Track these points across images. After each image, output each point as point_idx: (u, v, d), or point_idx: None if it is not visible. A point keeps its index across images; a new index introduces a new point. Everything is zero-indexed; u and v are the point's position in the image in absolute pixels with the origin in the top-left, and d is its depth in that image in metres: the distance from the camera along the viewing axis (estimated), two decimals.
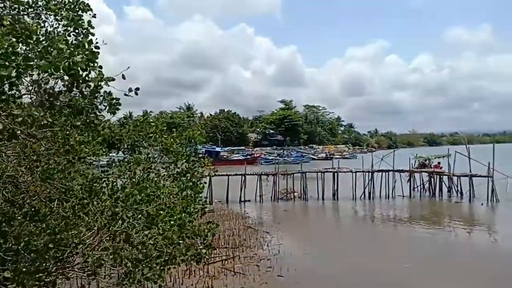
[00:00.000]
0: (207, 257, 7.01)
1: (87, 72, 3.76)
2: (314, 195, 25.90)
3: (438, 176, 27.46)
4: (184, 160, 8.22)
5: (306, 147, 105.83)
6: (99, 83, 3.93)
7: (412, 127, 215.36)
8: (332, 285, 10.30)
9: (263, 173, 26.57)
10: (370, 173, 26.78)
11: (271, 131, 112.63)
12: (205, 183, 8.23)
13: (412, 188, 27.90)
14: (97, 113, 4.29)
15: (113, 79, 3.87)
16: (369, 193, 26.36)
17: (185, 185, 7.74)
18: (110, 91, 4.16)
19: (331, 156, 70.84)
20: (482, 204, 23.21)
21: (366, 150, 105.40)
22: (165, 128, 8.34)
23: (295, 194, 26.05)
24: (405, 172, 27.92)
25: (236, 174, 25.46)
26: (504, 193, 23.77)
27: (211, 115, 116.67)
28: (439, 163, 28.87)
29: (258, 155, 75.04)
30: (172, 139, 8.05)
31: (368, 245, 14.77)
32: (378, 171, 27.13)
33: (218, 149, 70.14)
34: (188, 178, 8.04)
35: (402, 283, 10.48)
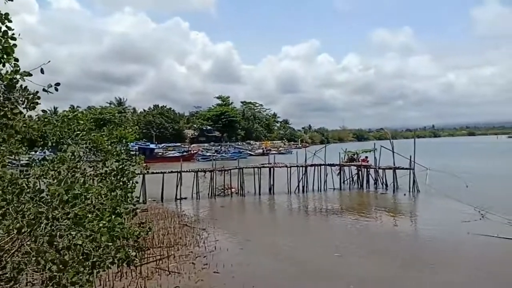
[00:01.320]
0: (137, 259, 6.79)
1: (1, 65, 3.45)
2: (251, 191, 26.25)
3: (365, 169, 29.29)
4: (114, 159, 7.87)
5: (244, 143, 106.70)
6: (15, 76, 3.63)
7: (342, 123, 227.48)
8: (266, 277, 10.54)
9: (200, 169, 26.32)
10: (304, 168, 27.78)
11: (208, 127, 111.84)
12: (137, 182, 7.94)
13: (342, 181, 29.46)
14: (14, 108, 3.95)
15: (29, 74, 3.59)
16: (303, 187, 27.36)
17: (115, 185, 7.43)
18: (26, 86, 3.84)
19: (268, 151, 72.35)
20: (404, 194, 25.17)
21: (300, 145, 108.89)
22: (93, 124, 7.91)
23: (233, 190, 26.19)
24: (336, 166, 29.40)
25: (172, 172, 24.94)
26: (423, 184, 25.97)
27: (144, 110, 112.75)
28: (366, 157, 30.80)
29: (195, 151, 74.13)
30: (101, 137, 7.66)
31: (302, 236, 15.33)
32: (311, 165, 28.23)
33: (152, 146, 68.07)
34: (119, 177, 7.72)
35: (331, 271, 11.04)
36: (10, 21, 4.81)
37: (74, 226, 5.03)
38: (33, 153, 7.88)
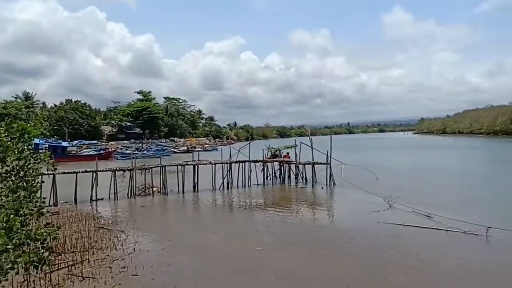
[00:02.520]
0: (51, 259, 6.17)
1: None
2: (174, 189, 25.59)
3: (287, 165, 30.31)
4: (15, 157, 7.03)
5: (167, 140, 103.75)
6: None
7: (266, 120, 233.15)
8: (188, 276, 10.32)
9: (118, 168, 24.94)
10: (228, 164, 27.83)
11: (128, 124, 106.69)
12: (43, 181, 7.21)
13: (265, 176, 30.12)
14: None
15: None
16: (228, 183, 27.41)
17: (17, 185, 6.66)
18: None
19: (193, 149, 71.18)
20: (322, 188, 26.54)
21: (226, 142, 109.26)
22: None
23: (154, 189, 25.27)
24: (259, 162, 29.95)
25: (86, 171, 23.30)
26: (339, 177, 27.59)
27: (56, 105, 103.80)
28: (288, 153, 31.88)
29: (113, 149, 70.20)
30: None
31: (225, 233, 15.31)
32: (236, 162, 28.41)
33: (65, 143, 62.99)
34: (21, 176, 6.93)
35: (254, 265, 11.18)
36: None
37: None
38: None
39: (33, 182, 6.95)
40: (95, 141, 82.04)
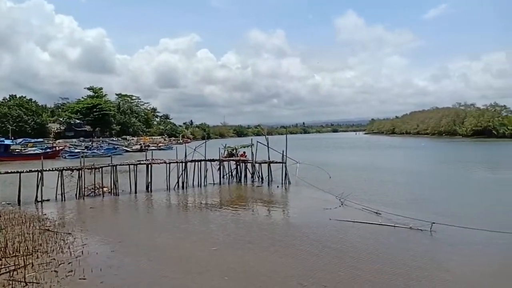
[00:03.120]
0: None
1: None
2: (126, 189, 24.78)
3: (243, 164, 30.40)
4: None
5: (119, 138, 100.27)
6: None
7: (223, 119, 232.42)
8: (139, 278, 10.03)
9: (65, 168, 23.73)
10: (183, 164, 27.40)
11: (78, 121, 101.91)
12: None
13: (222, 175, 30.02)
14: None
15: None
16: (183, 183, 27.00)
17: None
18: None
19: (146, 147, 69.38)
20: (278, 186, 26.89)
21: (181, 141, 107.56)
22: None
23: (105, 189, 24.32)
24: (216, 161, 29.80)
25: (31, 171, 21.97)
26: (294, 176, 28.08)
27: None
28: (244, 152, 31.98)
29: (60, 148, 66.76)
30: None
31: (180, 233, 15.06)
32: (191, 161, 28.04)
33: (8, 141, 59.05)
34: None
35: (208, 265, 11.08)
36: None
37: None
38: None
39: None
40: (41, 139, 77.51)
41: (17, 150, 58.15)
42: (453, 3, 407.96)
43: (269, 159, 29.17)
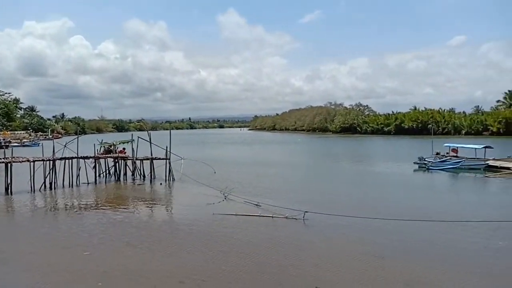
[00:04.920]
0: None
1: None
2: None
3: (123, 161, 28.64)
4: None
5: None
6: None
7: (101, 113, 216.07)
8: None
9: None
10: (51, 162, 24.52)
11: None
12: None
13: (98, 174, 27.80)
14: None
15: None
16: (51, 183, 24.18)
17: None
18: None
19: (7, 144, 60.46)
20: (161, 183, 26.06)
21: (51, 136, 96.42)
22: None
23: None
24: (91, 158, 27.45)
25: None
26: (178, 172, 27.56)
27: None
28: (124, 148, 30.13)
29: None
30: None
31: (47, 240, 13.45)
32: (61, 159, 25.28)
33: None
34: None
35: (79, 271, 10.13)
36: None
37: None
38: None
39: None
40: None
41: None
42: (326, 9, 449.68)
43: (151, 155, 28.06)
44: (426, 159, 34.35)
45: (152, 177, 27.54)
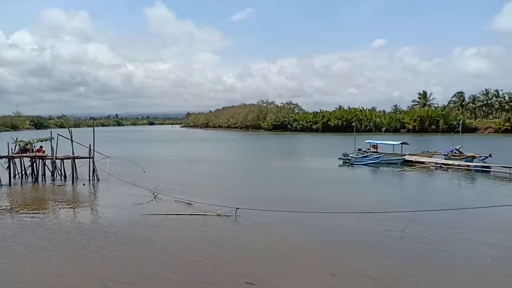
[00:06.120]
0: None
1: None
2: None
3: (41, 160, 26.46)
4: None
5: None
6: None
7: (16, 108, 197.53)
8: None
9: None
10: None
11: None
12: None
13: (13, 175, 25.41)
14: None
15: None
16: None
17: None
18: None
19: None
20: (84, 184, 24.51)
21: None
22: None
23: None
24: (3, 158, 24.98)
25: None
26: (104, 172, 26.14)
27: None
28: (41, 147, 27.86)
29: None
30: None
31: None
32: None
33: None
34: None
35: None
36: None
37: None
38: None
39: None
40: None
41: None
42: (257, 8, 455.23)
43: (73, 154, 26.25)
44: (349, 155, 36.51)
45: (74, 177, 25.82)
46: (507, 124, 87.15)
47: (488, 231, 13.46)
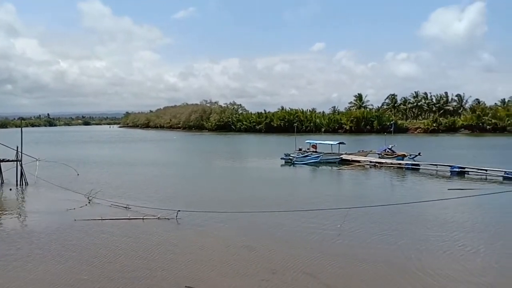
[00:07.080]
0: None
1: None
2: None
3: None
4: None
5: None
6: None
7: None
8: None
9: None
10: None
11: None
12: None
13: None
14: None
15: None
16: None
17: None
18: None
19: None
20: (10, 189, 22.67)
21: None
22: None
23: None
24: None
25: None
26: (33, 175, 24.29)
27: None
28: None
29: None
30: None
31: None
32: None
33: None
34: None
35: None
36: None
37: None
38: None
39: None
40: None
41: None
42: (200, 8, 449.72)
43: None
44: (291, 155, 37.43)
45: (0, 182, 23.73)
46: (434, 125, 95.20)
47: (410, 225, 14.52)
